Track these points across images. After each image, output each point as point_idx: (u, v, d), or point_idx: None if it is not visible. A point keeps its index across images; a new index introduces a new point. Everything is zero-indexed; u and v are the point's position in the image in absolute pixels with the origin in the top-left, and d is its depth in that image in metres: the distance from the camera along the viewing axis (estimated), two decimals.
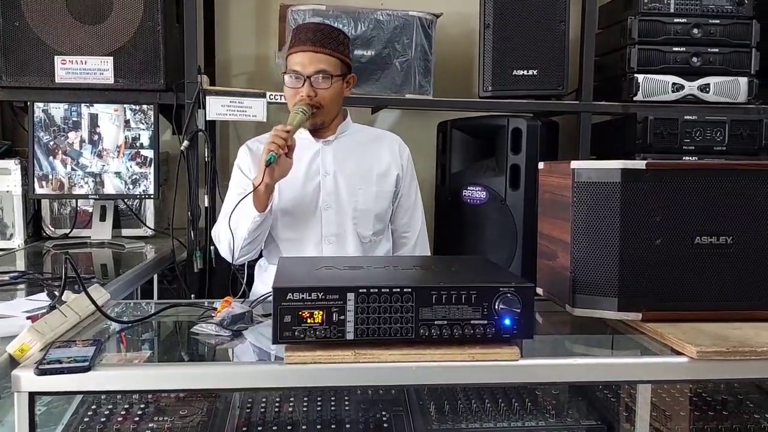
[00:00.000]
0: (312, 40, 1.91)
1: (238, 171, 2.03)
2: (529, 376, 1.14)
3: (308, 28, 1.95)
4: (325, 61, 1.91)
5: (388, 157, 2.08)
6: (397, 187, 2.08)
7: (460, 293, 1.10)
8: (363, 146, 2.07)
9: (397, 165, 2.08)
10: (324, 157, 2.01)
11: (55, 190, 2.46)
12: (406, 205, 2.12)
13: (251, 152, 2.03)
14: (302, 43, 1.91)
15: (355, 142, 2.07)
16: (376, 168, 2.05)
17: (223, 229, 1.91)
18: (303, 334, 1.07)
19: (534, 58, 2.57)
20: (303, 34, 1.93)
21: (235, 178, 2.03)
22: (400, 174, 2.07)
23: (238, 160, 2.04)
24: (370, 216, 2.00)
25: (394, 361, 1.08)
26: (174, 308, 1.48)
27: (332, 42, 1.94)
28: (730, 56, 2.63)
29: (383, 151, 2.09)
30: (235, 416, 1.43)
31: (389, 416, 1.43)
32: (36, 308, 1.42)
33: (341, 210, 1.98)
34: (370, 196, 2.01)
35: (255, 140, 2.09)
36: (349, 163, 2.02)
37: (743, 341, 1.15)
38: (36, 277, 1.84)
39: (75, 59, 2.40)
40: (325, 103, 1.93)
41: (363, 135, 2.12)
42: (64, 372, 1.02)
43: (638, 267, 1.26)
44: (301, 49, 1.91)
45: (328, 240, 1.97)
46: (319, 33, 1.93)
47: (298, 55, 1.91)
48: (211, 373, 1.08)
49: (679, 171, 1.28)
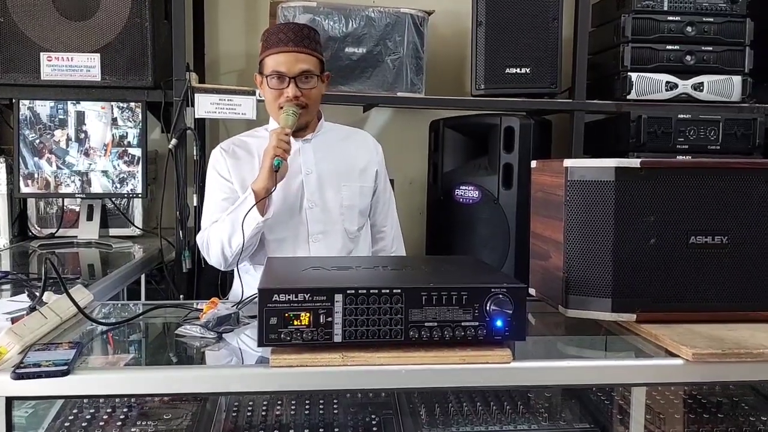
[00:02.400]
0: (293, 41, 1.90)
1: (215, 175, 1.99)
2: (521, 379, 1.11)
3: (288, 29, 1.95)
4: (308, 61, 1.92)
5: (366, 153, 2.10)
6: (376, 183, 2.09)
7: (451, 294, 1.07)
8: (340, 143, 2.08)
9: (374, 161, 2.10)
10: (305, 156, 2.00)
11: (41, 189, 2.42)
12: (383, 200, 2.15)
13: (227, 154, 2.00)
14: (283, 43, 1.90)
15: (332, 139, 2.07)
16: (357, 164, 2.06)
17: (213, 237, 1.88)
18: (289, 337, 1.04)
19: (527, 56, 2.55)
20: (283, 35, 1.92)
21: (213, 182, 1.99)
22: (378, 170, 2.10)
23: (214, 163, 2.01)
24: (355, 211, 2.01)
25: (383, 364, 1.06)
26: (160, 309, 1.45)
27: (311, 41, 1.95)
28: (724, 55, 2.62)
29: (360, 147, 2.11)
30: (221, 420, 1.40)
31: (379, 419, 1.41)
32: (18, 309, 1.38)
33: (327, 207, 1.98)
34: (354, 191, 2.02)
35: (229, 142, 2.07)
36: (329, 160, 2.02)
37: (739, 343, 1.13)
38: (19, 278, 1.81)
39: (61, 56, 2.36)
40: (310, 102, 1.94)
41: (338, 132, 2.13)
42: (42, 376, 0.99)
43: (632, 267, 1.24)
44: (283, 50, 1.90)
45: (315, 238, 1.96)
46: (299, 33, 1.92)
47: (280, 56, 1.90)
48: (194, 376, 1.06)
49: (674, 170, 1.26)
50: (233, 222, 1.80)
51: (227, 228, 1.83)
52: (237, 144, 2.05)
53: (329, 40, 2.49)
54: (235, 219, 1.80)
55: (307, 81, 1.91)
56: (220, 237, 1.85)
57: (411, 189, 3.04)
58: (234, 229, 1.79)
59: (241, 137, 2.10)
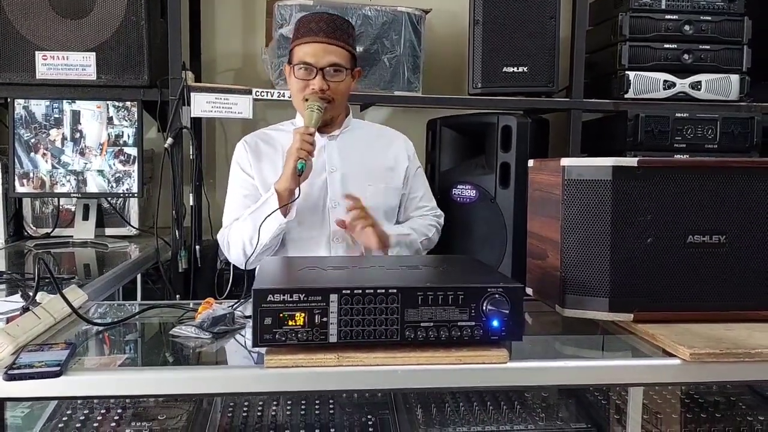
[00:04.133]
0: (325, 31, 1.83)
1: (238, 169, 1.96)
2: (518, 379, 1.11)
3: (320, 18, 1.86)
4: (338, 54, 1.84)
5: (395, 152, 2.04)
6: (405, 183, 2.03)
7: (447, 294, 1.06)
8: (368, 142, 2.02)
9: (403, 158, 2.04)
10: (330, 153, 1.95)
11: (36, 188, 2.41)
12: (414, 194, 2.08)
13: (250, 148, 1.97)
14: (313, 33, 1.83)
15: (359, 137, 2.01)
16: (384, 163, 2.00)
17: (234, 236, 1.85)
18: (284, 337, 1.03)
19: (524, 55, 2.55)
20: (315, 24, 1.84)
21: (236, 177, 1.96)
22: (408, 166, 2.04)
23: (238, 158, 1.97)
24: (379, 213, 1.93)
25: (378, 365, 1.05)
26: (155, 309, 1.44)
27: (344, 34, 1.87)
28: (722, 53, 2.62)
29: (389, 146, 2.05)
30: (216, 420, 1.40)
31: (375, 420, 1.41)
32: (12, 310, 1.37)
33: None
34: (379, 192, 1.96)
35: (253, 135, 2.02)
36: (355, 159, 1.96)
37: (736, 342, 1.12)
38: (14, 278, 1.80)
39: (56, 55, 2.35)
40: (337, 97, 1.87)
41: (367, 131, 2.08)
42: (35, 377, 0.98)
43: (630, 266, 1.24)
44: (313, 40, 1.82)
45: (336, 238, 1.90)
46: (332, 23, 1.85)
47: (310, 45, 1.83)
48: (188, 377, 1.05)
49: (671, 169, 1.25)
50: (255, 222, 1.75)
51: (249, 228, 1.79)
52: (261, 138, 2.00)
53: None
54: (256, 219, 1.75)
55: (335, 74, 1.84)
56: (242, 236, 1.82)
57: None
58: (256, 229, 1.75)
59: (266, 130, 2.05)
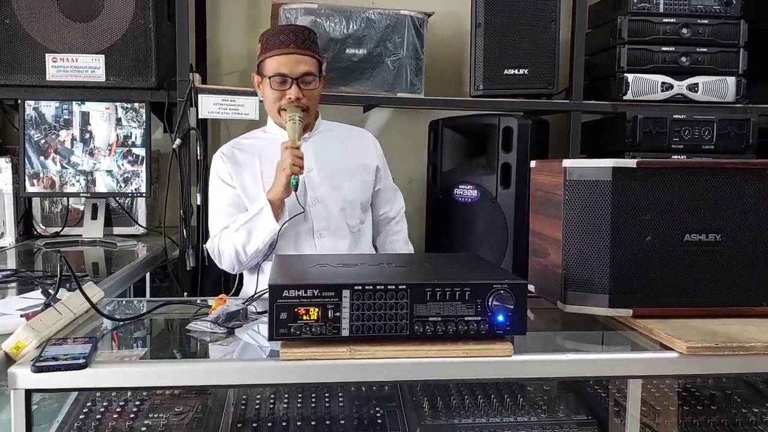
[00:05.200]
0: (295, 42, 1.94)
1: (218, 181, 2.02)
2: (521, 372, 1.15)
3: (289, 30, 1.98)
4: (309, 63, 1.96)
5: (365, 149, 2.15)
6: (377, 178, 2.14)
7: (455, 290, 1.11)
8: (339, 140, 2.12)
9: (374, 157, 2.14)
10: (305, 154, 1.99)
11: (46, 188, 2.45)
12: (386, 196, 2.20)
13: (228, 159, 2.03)
14: (284, 45, 1.94)
15: (331, 137, 2.11)
16: (356, 159, 2.10)
17: (225, 244, 1.93)
18: (299, 331, 1.08)
19: (525, 57, 2.59)
20: (284, 36, 1.95)
21: (217, 188, 2.02)
22: (379, 165, 2.14)
23: (217, 170, 2.04)
24: (356, 205, 2.05)
25: (389, 358, 1.09)
26: (168, 306, 1.48)
27: (312, 43, 1.99)
28: (719, 56, 2.66)
29: (359, 143, 2.16)
30: (229, 413, 1.43)
31: (383, 412, 1.45)
32: (30, 306, 1.42)
33: (329, 204, 2.01)
34: (355, 185, 2.06)
35: (229, 146, 2.09)
36: (329, 157, 2.05)
37: (731, 337, 1.16)
38: (28, 276, 1.84)
39: (66, 57, 2.39)
40: (311, 104, 1.99)
41: (336, 130, 2.17)
42: (61, 369, 1.02)
43: (629, 264, 1.28)
44: (285, 52, 1.94)
45: (320, 234, 2.00)
46: (300, 35, 1.96)
47: (282, 57, 1.94)
48: (207, 369, 1.09)
49: (669, 170, 1.29)
50: (249, 231, 1.86)
51: (242, 237, 1.88)
52: (237, 147, 2.08)
53: (330, 41, 2.53)
54: (251, 228, 1.86)
55: (308, 83, 1.95)
56: (234, 245, 1.90)
57: (410, 188, 3.07)
58: (250, 238, 1.86)
59: (240, 140, 2.13)
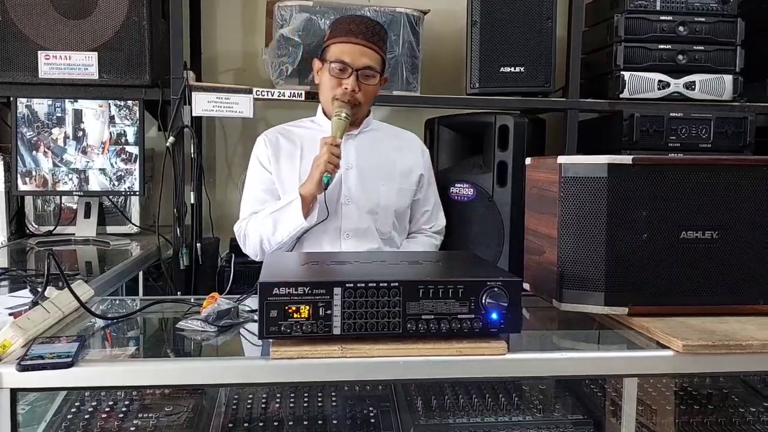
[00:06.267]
0: (364, 33, 1.88)
1: (257, 165, 2.00)
2: (516, 370, 1.14)
3: (361, 21, 1.92)
4: (373, 58, 1.90)
5: (411, 155, 2.07)
6: (419, 186, 2.06)
7: (448, 287, 1.09)
8: (385, 142, 2.05)
9: (419, 165, 2.07)
10: (347, 151, 1.97)
11: (38, 186, 2.43)
12: (426, 209, 2.11)
13: (270, 143, 2.01)
14: (353, 34, 1.87)
15: (377, 137, 2.05)
16: (399, 165, 2.03)
17: (252, 230, 1.90)
18: (289, 329, 1.06)
19: (521, 55, 2.58)
20: (354, 26, 1.89)
21: (255, 171, 2.00)
22: (423, 174, 2.06)
23: (257, 153, 2.01)
24: (390, 212, 1.98)
25: (381, 356, 1.08)
26: (159, 305, 1.47)
27: (380, 39, 1.92)
28: (716, 54, 2.65)
29: (406, 148, 2.08)
30: (221, 413, 1.42)
31: (376, 412, 1.43)
32: (18, 305, 1.40)
33: (362, 205, 1.95)
34: (392, 191, 1.99)
35: (274, 131, 2.06)
36: (371, 158, 2.00)
37: (728, 335, 1.15)
38: (19, 274, 1.82)
39: (59, 54, 2.37)
40: (364, 100, 1.93)
41: (385, 131, 2.11)
42: (47, 368, 1.01)
43: (625, 262, 1.27)
44: (352, 41, 1.87)
45: (347, 234, 1.94)
46: (371, 27, 1.90)
47: (348, 45, 1.88)
48: (196, 368, 1.08)
49: (665, 166, 1.28)
50: (276, 221, 1.82)
51: (269, 225, 1.85)
52: (282, 133, 2.04)
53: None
54: (277, 219, 1.82)
55: (368, 77, 1.90)
56: (260, 232, 1.87)
57: None
58: (275, 228, 1.83)
59: (287, 126, 2.09)
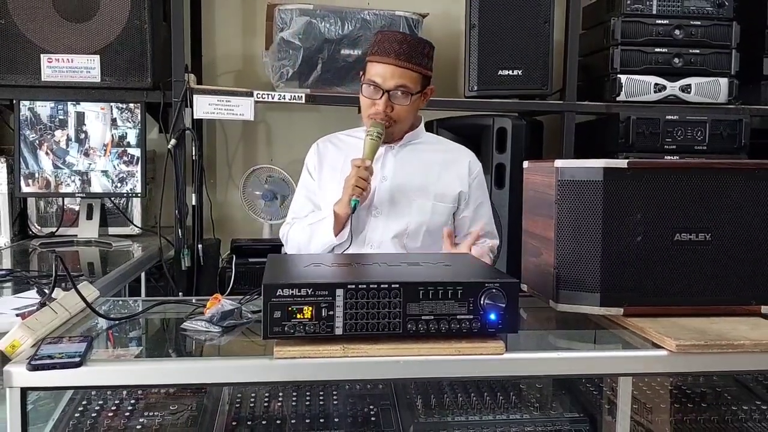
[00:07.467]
0: (396, 53, 1.82)
1: (305, 170, 2.03)
2: (513, 370, 1.16)
3: (394, 39, 1.85)
4: (406, 77, 1.83)
5: (455, 172, 1.97)
6: (460, 203, 1.96)
7: (447, 289, 1.12)
8: (429, 157, 1.97)
9: (462, 182, 1.96)
10: (384, 162, 1.93)
11: (41, 188, 2.46)
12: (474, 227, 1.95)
13: (319, 151, 2.01)
14: (386, 53, 1.83)
15: (421, 152, 1.98)
16: (438, 183, 1.94)
17: (292, 236, 1.95)
18: (292, 330, 1.08)
19: (519, 58, 2.61)
20: (388, 44, 1.84)
21: (303, 177, 2.03)
22: (463, 192, 1.95)
23: (307, 159, 2.03)
24: (421, 230, 1.90)
25: (382, 356, 1.10)
26: (163, 305, 1.49)
27: (417, 56, 1.84)
28: (711, 57, 2.68)
29: (452, 164, 1.98)
30: (224, 412, 1.44)
31: (377, 410, 1.46)
32: (25, 306, 1.42)
33: (390, 219, 1.89)
34: (425, 208, 1.91)
35: (326, 139, 2.05)
36: (409, 173, 1.93)
37: (721, 335, 1.18)
38: (23, 275, 1.84)
39: (61, 57, 2.40)
40: (399, 119, 1.87)
41: (433, 146, 2.02)
42: (57, 367, 1.03)
43: (620, 263, 1.29)
44: (383, 61, 1.83)
45: (371, 245, 1.89)
46: (405, 45, 1.83)
47: (380, 66, 1.83)
48: (202, 367, 1.10)
49: (659, 170, 1.31)
50: (311, 234, 1.88)
51: (306, 235, 1.90)
52: (332, 141, 2.04)
53: (325, 42, 2.54)
54: (313, 232, 1.87)
55: (401, 97, 1.83)
56: (298, 241, 1.92)
57: None
58: (311, 240, 1.88)
59: (340, 134, 2.07)
